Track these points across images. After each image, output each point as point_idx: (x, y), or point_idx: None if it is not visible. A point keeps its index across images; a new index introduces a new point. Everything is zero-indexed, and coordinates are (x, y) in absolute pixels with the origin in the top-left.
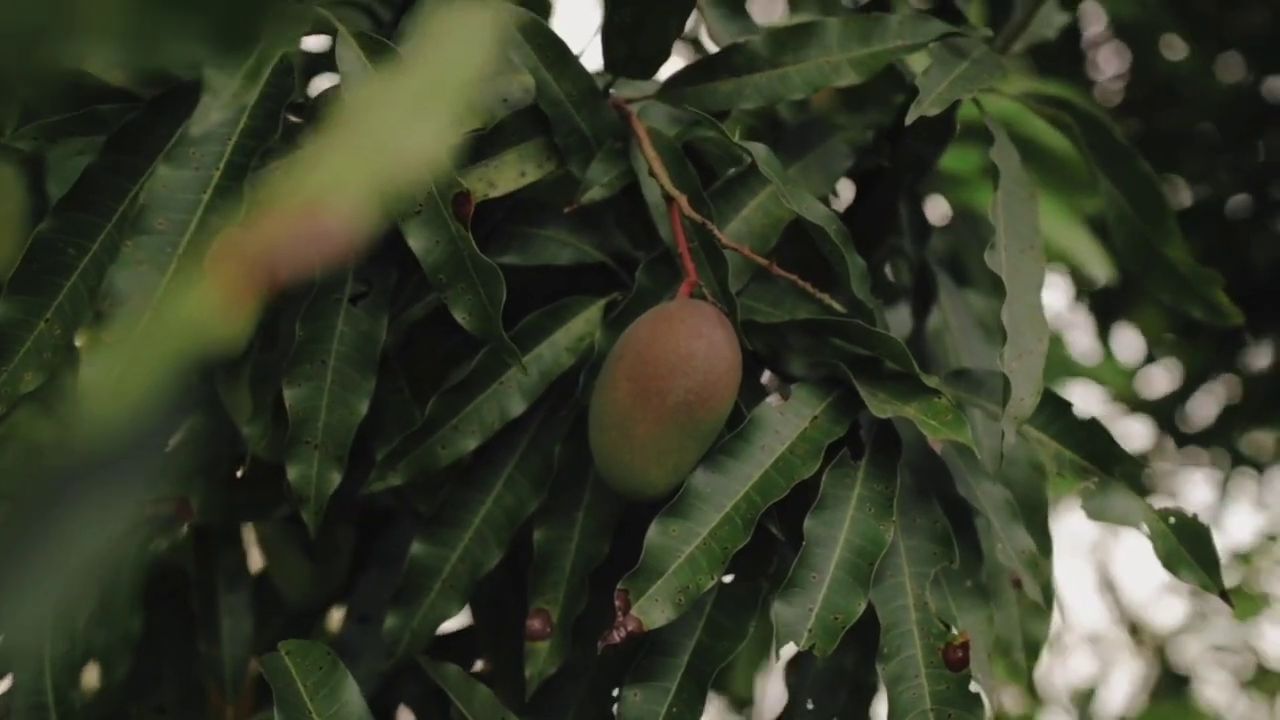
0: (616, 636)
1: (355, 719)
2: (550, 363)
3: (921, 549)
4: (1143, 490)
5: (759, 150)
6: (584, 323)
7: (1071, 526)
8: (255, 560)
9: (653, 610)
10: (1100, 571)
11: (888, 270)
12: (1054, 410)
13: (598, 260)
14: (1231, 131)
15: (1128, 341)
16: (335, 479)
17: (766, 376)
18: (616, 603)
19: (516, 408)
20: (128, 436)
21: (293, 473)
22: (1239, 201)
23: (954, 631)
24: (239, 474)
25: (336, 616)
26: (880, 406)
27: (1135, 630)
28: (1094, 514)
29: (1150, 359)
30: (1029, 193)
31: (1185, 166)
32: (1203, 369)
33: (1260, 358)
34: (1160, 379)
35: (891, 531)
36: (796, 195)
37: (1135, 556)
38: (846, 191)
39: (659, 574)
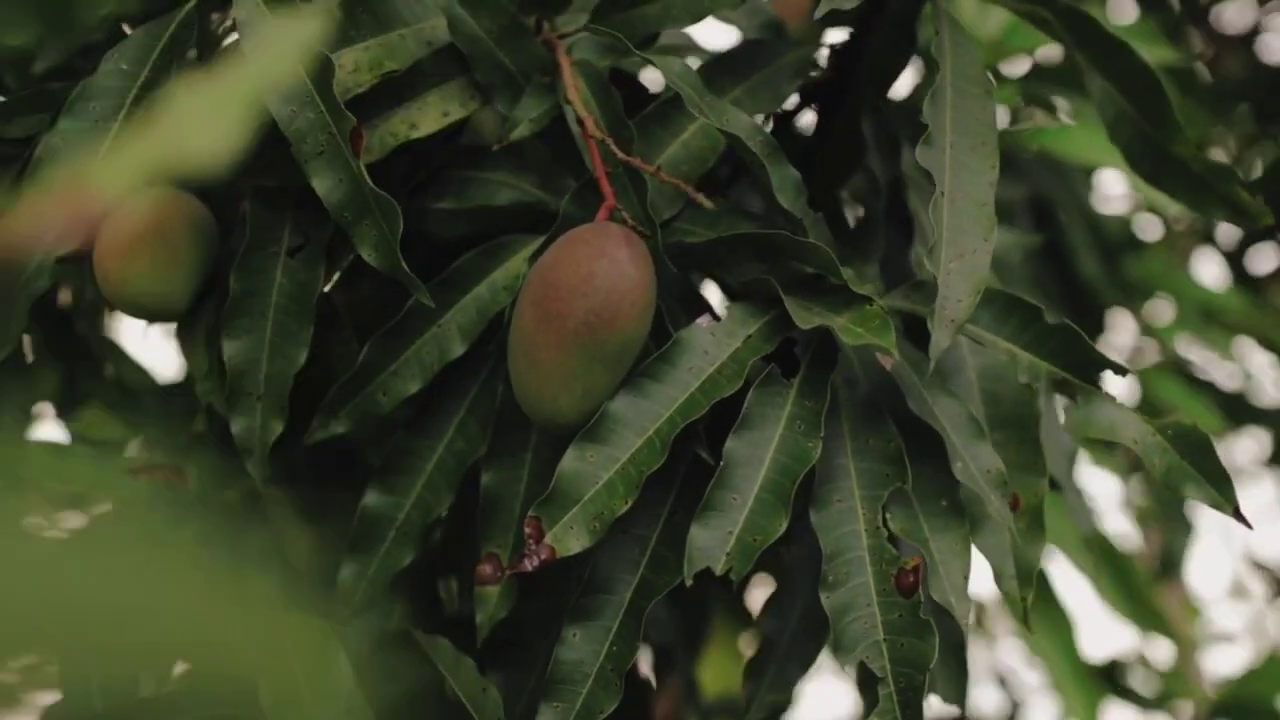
0: (528, 565)
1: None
2: (489, 302)
3: (873, 470)
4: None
5: (673, 65)
6: (521, 261)
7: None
8: None
9: (568, 537)
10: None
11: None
12: (1023, 319)
13: (536, 199)
14: None
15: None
16: (277, 429)
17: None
18: (527, 530)
19: (457, 349)
20: None
21: (236, 425)
22: None
23: (902, 557)
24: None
25: None
26: (807, 318)
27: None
28: (1077, 429)
29: None
30: (984, 90)
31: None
32: None
33: None
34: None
35: (819, 448)
36: (716, 108)
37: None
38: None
39: (574, 500)
